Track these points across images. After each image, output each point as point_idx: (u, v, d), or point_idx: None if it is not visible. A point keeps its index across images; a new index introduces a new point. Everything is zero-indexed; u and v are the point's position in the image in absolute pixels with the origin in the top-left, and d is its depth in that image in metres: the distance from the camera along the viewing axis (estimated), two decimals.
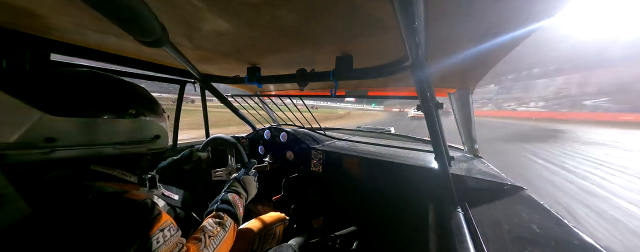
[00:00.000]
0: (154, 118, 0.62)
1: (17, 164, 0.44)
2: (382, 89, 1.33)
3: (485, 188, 0.96)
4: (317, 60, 0.84)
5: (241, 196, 0.83)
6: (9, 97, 0.43)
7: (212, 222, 0.66)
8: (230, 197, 0.78)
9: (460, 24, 0.50)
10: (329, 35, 0.62)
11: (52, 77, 0.50)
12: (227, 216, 0.71)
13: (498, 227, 0.67)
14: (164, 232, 0.49)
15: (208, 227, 0.64)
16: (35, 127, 0.44)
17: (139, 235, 0.45)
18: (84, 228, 0.41)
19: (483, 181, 0.97)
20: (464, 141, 1.36)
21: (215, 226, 0.66)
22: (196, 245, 0.58)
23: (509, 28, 0.51)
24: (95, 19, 0.60)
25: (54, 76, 0.51)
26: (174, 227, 0.53)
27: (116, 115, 0.54)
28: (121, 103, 0.55)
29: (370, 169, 1.26)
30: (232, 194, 0.80)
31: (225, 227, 0.67)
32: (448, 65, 0.81)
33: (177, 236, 0.53)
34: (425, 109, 0.79)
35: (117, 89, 0.57)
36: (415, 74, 0.65)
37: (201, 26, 0.61)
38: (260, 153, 1.79)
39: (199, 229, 0.63)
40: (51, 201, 0.43)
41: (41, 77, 0.49)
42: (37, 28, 0.69)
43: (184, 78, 1.36)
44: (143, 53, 0.97)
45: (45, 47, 0.78)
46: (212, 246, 0.60)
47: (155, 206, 0.51)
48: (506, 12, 0.45)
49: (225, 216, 0.70)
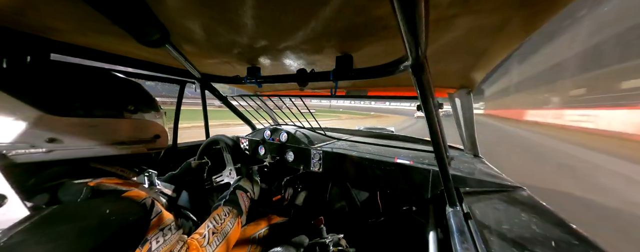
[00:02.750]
0: (152, 116, 0.63)
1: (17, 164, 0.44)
2: (382, 89, 1.33)
3: (485, 188, 0.96)
4: (317, 60, 0.84)
5: (247, 193, 0.84)
6: (10, 97, 0.43)
7: (217, 218, 0.67)
8: (238, 193, 0.80)
9: (460, 24, 0.50)
10: (329, 35, 0.61)
11: (52, 77, 0.50)
12: (233, 210, 0.72)
13: (498, 227, 0.67)
14: (164, 231, 0.50)
15: (212, 223, 0.64)
16: (35, 127, 0.44)
17: (138, 236, 0.45)
18: (84, 229, 0.41)
19: (483, 181, 0.97)
20: (464, 140, 1.36)
21: (220, 221, 0.66)
22: (199, 241, 0.58)
23: (510, 27, 0.51)
24: (95, 19, 0.60)
25: (54, 76, 0.51)
26: (174, 225, 0.53)
27: (115, 114, 0.54)
28: (120, 100, 0.55)
29: (370, 169, 1.26)
30: (239, 191, 0.81)
31: (230, 222, 0.68)
32: (448, 66, 0.81)
33: (178, 233, 0.54)
34: (425, 109, 0.79)
35: (115, 87, 0.57)
36: (415, 74, 0.65)
37: (201, 26, 0.61)
38: (260, 153, 1.79)
39: (203, 225, 0.64)
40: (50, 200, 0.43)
41: (41, 77, 0.49)
42: (37, 28, 0.69)
43: (184, 78, 1.36)
44: (143, 53, 0.97)
45: (45, 47, 0.78)
46: (215, 242, 0.60)
47: (154, 205, 0.51)
48: (506, 11, 0.45)
49: (231, 211, 0.71)
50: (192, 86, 1.45)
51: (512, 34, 0.54)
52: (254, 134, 1.94)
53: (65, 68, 0.58)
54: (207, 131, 1.80)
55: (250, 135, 1.91)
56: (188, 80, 1.41)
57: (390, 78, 1.06)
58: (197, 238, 0.59)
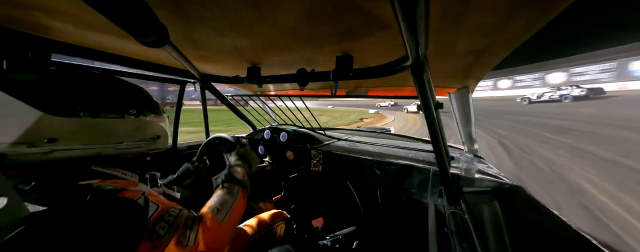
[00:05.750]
0: (153, 118, 0.63)
1: (17, 164, 0.44)
2: (382, 89, 1.33)
3: (484, 188, 0.96)
4: (317, 60, 0.84)
5: (243, 167, 0.84)
6: (10, 97, 0.43)
7: (220, 193, 0.67)
8: (233, 170, 0.80)
9: (460, 24, 0.50)
10: (329, 35, 0.62)
11: (52, 77, 0.50)
12: (233, 185, 0.72)
13: (497, 227, 0.67)
14: (165, 218, 0.50)
15: (216, 198, 0.65)
16: (35, 127, 0.44)
17: (137, 234, 0.45)
18: (83, 228, 0.41)
19: (483, 181, 0.97)
20: (464, 140, 1.36)
21: (223, 195, 0.66)
22: (210, 214, 0.58)
23: (510, 27, 0.51)
24: (95, 19, 0.60)
25: (54, 76, 0.51)
26: (175, 209, 0.54)
27: (116, 116, 0.54)
28: (123, 103, 0.55)
29: (370, 169, 1.26)
30: (234, 167, 0.81)
31: (233, 194, 0.68)
32: (448, 65, 0.81)
33: (184, 214, 0.54)
34: (425, 109, 0.79)
35: (117, 90, 0.57)
36: (415, 74, 0.65)
37: (201, 26, 0.61)
38: (260, 153, 1.79)
39: (208, 203, 0.64)
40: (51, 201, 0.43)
41: (41, 77, 0.49)
42: (37, 28, 0.69)
43: (184, 78, 1.36)
44: (143, 53, 0.97)
45: (45, 47, 0.78)
46: (224, 211, 0.61)
47: (149, 202, 0.51)
48: (507, 10, 0.45)
49: (232, 185, 0.71)
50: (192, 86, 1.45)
51: (512, 34, 0.54)
52: (254, 134, 1.94)
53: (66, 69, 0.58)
54: (207, 131, 1.80)
55: (250, 135, 1.91)
56: (188, 80, 1.41)
57: (390, 78, 1.06)
58: (206, 212, 0.59)
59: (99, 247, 0.41)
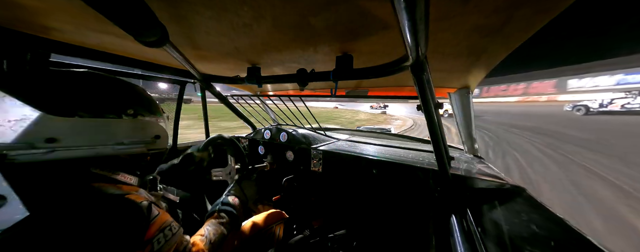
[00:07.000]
0: (152, 118, 0.62)
1: (17, 165, 0.44)
2: (382, 89, 1.33)
3: (485, 188, 0.96)
4: (317, 60, 0.84)
5: (241, 199, 0.87)
6: (10, 97, 0.43)
7: (215, 222, 0.71)
8: (231, 199, 0.82)
9: (461, 24, 0.50)
10: (329, 35, 0.61)
11: (52, 77, 0.50)
12: (228, 217, 0.75)
13: (497, 227, 0.67)
14: (164, 232, 0.50)
15: (210, 227, 0.68)
16: (34, 127, 0.44)
17: (137, 238, 0.45)
18: (84, 230, 0.41)
19: (483, 181, 0.97)
20: (464, 140, 1.36)
21: (217, 225, 0.70)
22: (202, 241, 0.61)
23: (510, 27, 0.51)
24: (95, 19, 0.60)
25: (54, 76, 0.51)
26: (175, 225, 0.54)
27: (115, 116, 0.53)
28: (120, 103, 0.55)
29: (370, 169, 1.26)
30: (232, 197, 0.84)
31: (226, 227, 0.72)
32: (448, 65, 0.81)
33: (179, 234, 0.55)
34: (425, 109, 0.79)
35: (116, 90, 0.57)
36: (415, 74, 0.65)
37: (201, 26, 0.61)
38: (260, 153, 1.78)
39: (203, 228, 0.67)
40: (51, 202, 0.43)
41: (41, 77, 0.49)
42: (37, 28, 0.69)
43: (184, 78, 1.36)
44: (143, 53, 0.97)
45: (45, 47, 0.78)
46: (216, 245, 0.65)
47: (152, 208, 0.51)
48: (506, 11, 0.45)
49: (227, 217, 0.75)
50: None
51: (512, 34, 0.53)
52: (254, 134, 1.94)
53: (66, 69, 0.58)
54: (207, 131, 1.80)
55: (250, 135, 1.91)
56: (188, 81, 1.41)
57: (390, 78, 1.06)
58: (199, 238, 0.62)
59: (98, 248, 0.41)
